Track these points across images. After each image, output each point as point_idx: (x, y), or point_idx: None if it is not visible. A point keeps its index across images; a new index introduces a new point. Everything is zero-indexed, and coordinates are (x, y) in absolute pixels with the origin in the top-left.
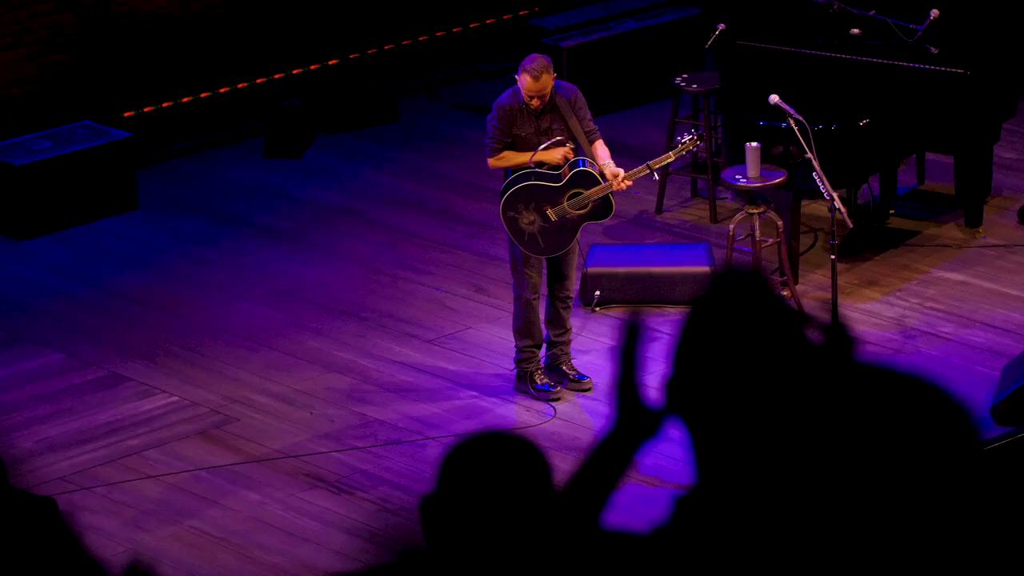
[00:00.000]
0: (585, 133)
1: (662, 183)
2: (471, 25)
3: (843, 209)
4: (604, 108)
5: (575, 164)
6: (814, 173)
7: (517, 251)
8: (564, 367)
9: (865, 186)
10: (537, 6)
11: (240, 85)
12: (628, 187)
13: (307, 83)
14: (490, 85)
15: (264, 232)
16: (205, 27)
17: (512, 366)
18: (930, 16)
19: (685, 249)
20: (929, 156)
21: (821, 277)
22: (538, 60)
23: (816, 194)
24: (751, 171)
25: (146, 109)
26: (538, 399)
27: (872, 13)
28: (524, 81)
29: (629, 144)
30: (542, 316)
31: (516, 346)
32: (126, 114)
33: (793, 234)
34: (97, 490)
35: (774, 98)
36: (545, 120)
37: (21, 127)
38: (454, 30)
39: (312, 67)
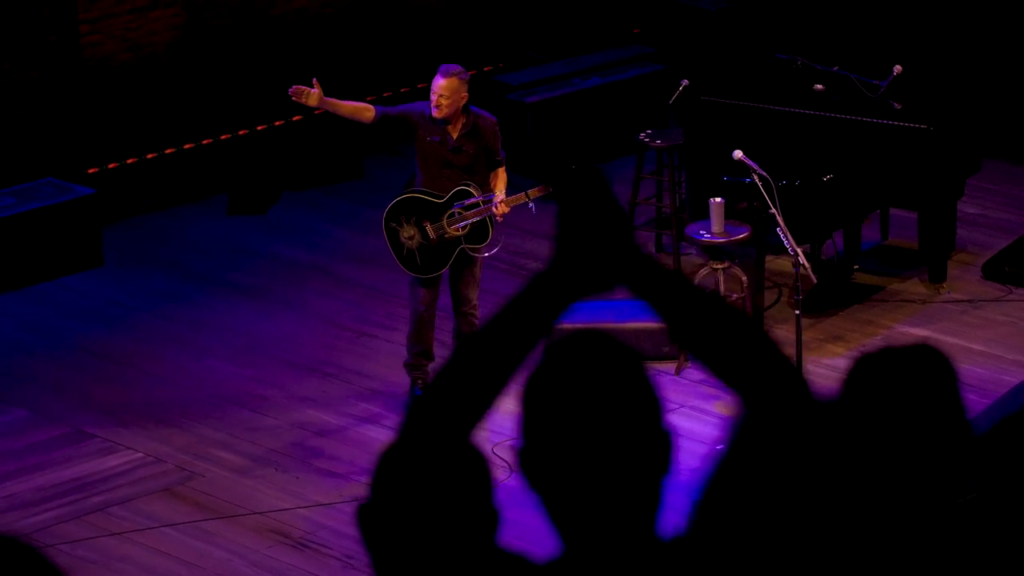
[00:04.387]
0: (491, 160)
1: None
2: None
3: (807, 264)
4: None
5: (460, 185)
6: (778, 228)
7: None
8: None
9: (829, 241)
10: (501, 62)
11: (205, 141)
12: (505, 213)
13: (271, 140)
14: None
15: (229, 288)
16: (169, 83)
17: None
18: (893, 72)
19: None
20: (893, 211)
21: (786, 332)
22: (451, 65)
23: (780, 249)
24: (715, 226)
25: (110, 165)
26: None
27: (836, 69)
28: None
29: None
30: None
31: (407, 353)
32: (90, 171)
33: (757, 289)
34: (61, 547)
35: (738, 154)
36: (462, 140)
37: None
38: (418, 86)
39: (276, 123)
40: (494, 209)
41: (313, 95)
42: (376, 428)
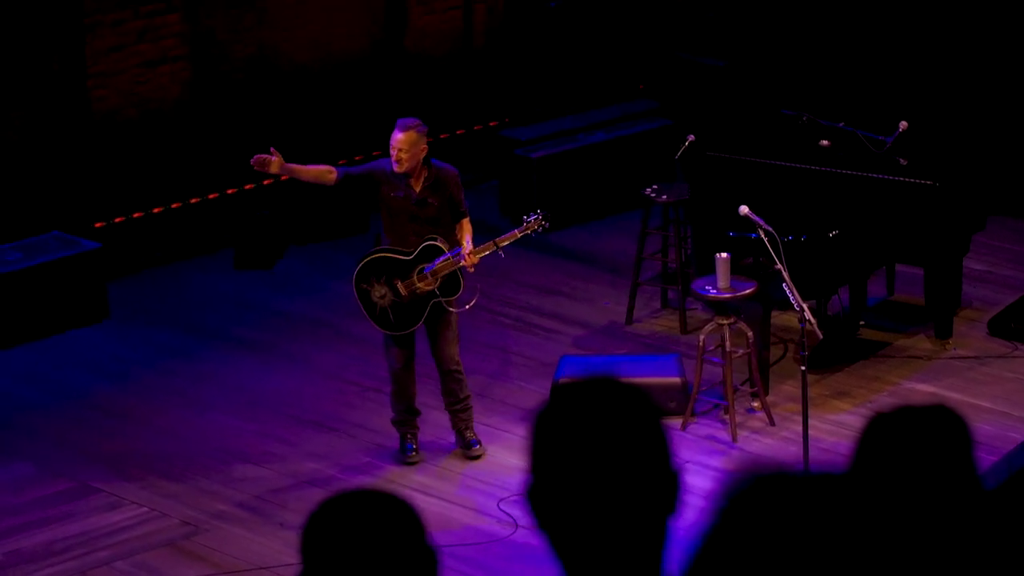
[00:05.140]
0: (455, 211)
1: (632, 293)
2: (441, 136)
3: (813, 320)
4: (574, 219)
5: (426, 240)
6: (784, 284)
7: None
8: (462, 433)
9: (835, 297)
10: (507, 117)
11: (211, 196)
12: (475, 264)
13: (278, 194)
14: None
15: (235, 343)
16: (176, 138)
17: (487, 481)
18: (899, 128)
19: (655, 360)
20: (899, 267)
21: (791, 388)
22: (409, 119)
23: (786, 305)
24: (721, 282)
25: (117, 220)
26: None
27: (841, 125)
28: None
29: (600, 255)
30: (436, 386)
31: (392, 410)
32: (97, 225)
33: (763, 345)
34: None
35: (744, 209)
36: (426, 192)
37: None
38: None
39: (283, 178)
40: (462, 261)
41: (273, 163)
42: (381, 482)
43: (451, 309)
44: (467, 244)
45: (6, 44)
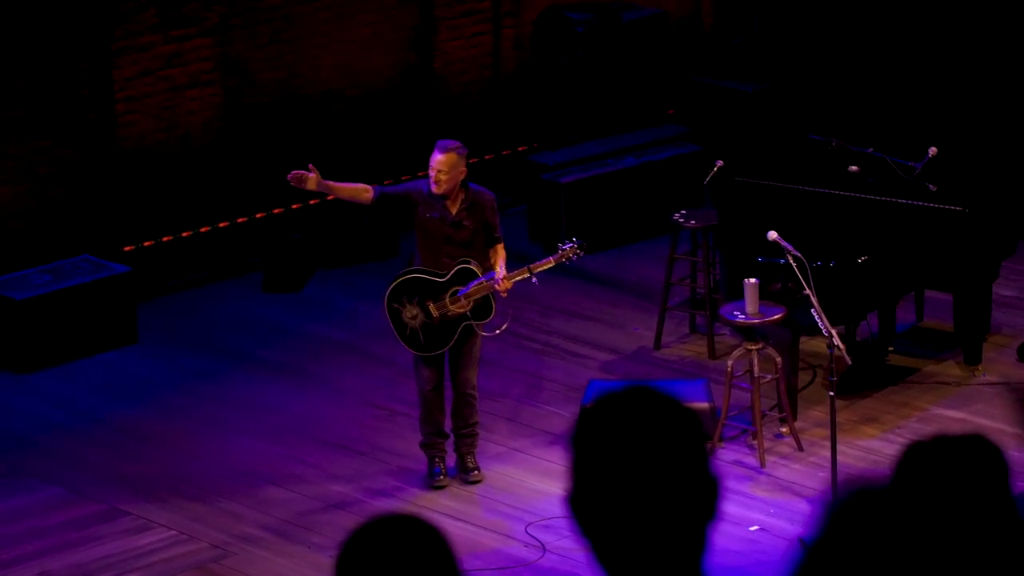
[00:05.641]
0: (489, 236)
1: (660, 319)
2: (470, 160)
3: (842, 346)
4: (602, 244)
5: (460, 263)
6: (812, 310)
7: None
8: (464, 458)
9: (864, 323)
10: (536, 142)
11: (240, 219)
12: (508, 289)
13: (307, 218)
14: None
15: (263, 366)
16: (205, 162)
17: (514, 505)
18: (928, 154)
19: (683, 385)
20: (928, 293)
21: (820, 414)
22: (449, 140)
23: (815, 331)
24: (749, 307)
25: (146, 243)
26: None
27: (871, 150)
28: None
29: (627, 280)
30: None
31: (420, 433)
32: (126, 248)
33: (792, 370)
34: None
35: (772, 235)
36: (461, 215)
37: (22, 261)
38: None
39: (312, 202)
40: (496, 286)
41: (311, 179)
42: (409, 506)
43: (482, 333)
44: (501, 269)
45: (36, 69)
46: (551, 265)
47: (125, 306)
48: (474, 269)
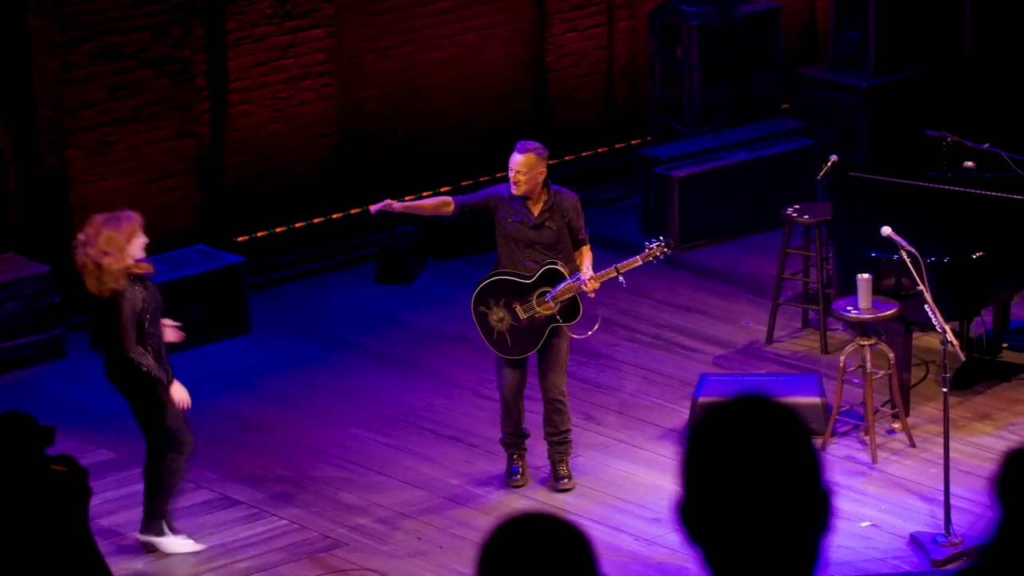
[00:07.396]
0: (575, 238)
1: (772, 313)
2: (583, 153)
3: (955, 342)
4: (715, 238)
5: (546, 264)
6: (926, 305)
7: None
8: (556, 466)
9: (978, 319)
10: (649, 135)
11: (353, 211)
12: (595, 289)
13: None
14: (602, 212)
15: (374, 357)
16: (317, 153)
17: (627, 500)
18: None
19: (795, 380)
20: None
21: (933, 410)
22: (528, 141)
23: (928, 326)
24: (862, 303)
25: (259, 234)
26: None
27: (987, 146)
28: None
29: (740, 274)
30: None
31: (501, 432)
32: (239, 239)
33: (904, 366)
34: None
35: (886, 230)
36: (544, 216)
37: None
38: (566, 158)
39: (424, 193)
40: (583, 287)
41: (395, 206)
42: (520, 498)
43: (572, 335)
44: (587, 269)
45: (151, 60)
46: (638, 264)
47: (238, 296)
48: (561, 270)
